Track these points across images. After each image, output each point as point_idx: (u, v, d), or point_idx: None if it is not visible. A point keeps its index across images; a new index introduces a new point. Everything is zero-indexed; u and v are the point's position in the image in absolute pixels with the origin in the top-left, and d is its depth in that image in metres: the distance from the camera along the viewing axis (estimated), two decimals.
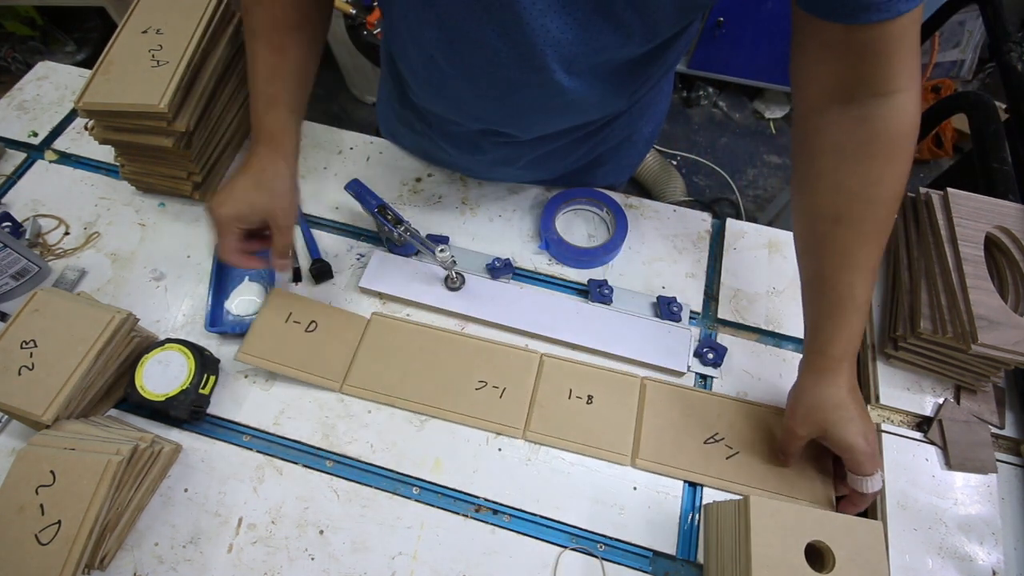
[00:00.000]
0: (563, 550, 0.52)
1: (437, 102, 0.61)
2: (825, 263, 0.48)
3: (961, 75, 2.00)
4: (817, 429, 0.50)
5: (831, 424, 0.49)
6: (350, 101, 2.06)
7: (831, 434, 0.49)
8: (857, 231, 0.46)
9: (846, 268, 0.47)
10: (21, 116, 0.79)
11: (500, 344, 0.62)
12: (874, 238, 0.46)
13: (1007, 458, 0.57)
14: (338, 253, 0.69)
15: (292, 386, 0.60)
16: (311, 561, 0.51)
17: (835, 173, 0.46)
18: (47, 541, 0.44)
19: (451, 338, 0.62)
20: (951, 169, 1.24)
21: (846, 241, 0.47)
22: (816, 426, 0.50)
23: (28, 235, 0.67)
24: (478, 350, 0.61)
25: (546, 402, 0.59)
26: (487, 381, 0.59)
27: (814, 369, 0.51)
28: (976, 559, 0.52)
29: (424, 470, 0.56)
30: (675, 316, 0.64)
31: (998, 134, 0.73)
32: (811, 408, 0.50)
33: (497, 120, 0.60)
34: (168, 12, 0.66)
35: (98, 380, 0.54)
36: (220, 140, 0.71)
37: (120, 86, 0.60)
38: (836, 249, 0.47)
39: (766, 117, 2.10)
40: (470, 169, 0.75)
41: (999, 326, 0.52)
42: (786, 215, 1.49)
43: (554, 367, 0.61)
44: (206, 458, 0.56)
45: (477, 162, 0.70)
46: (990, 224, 0.58)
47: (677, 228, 0.72)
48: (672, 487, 0.56)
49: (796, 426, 0.51)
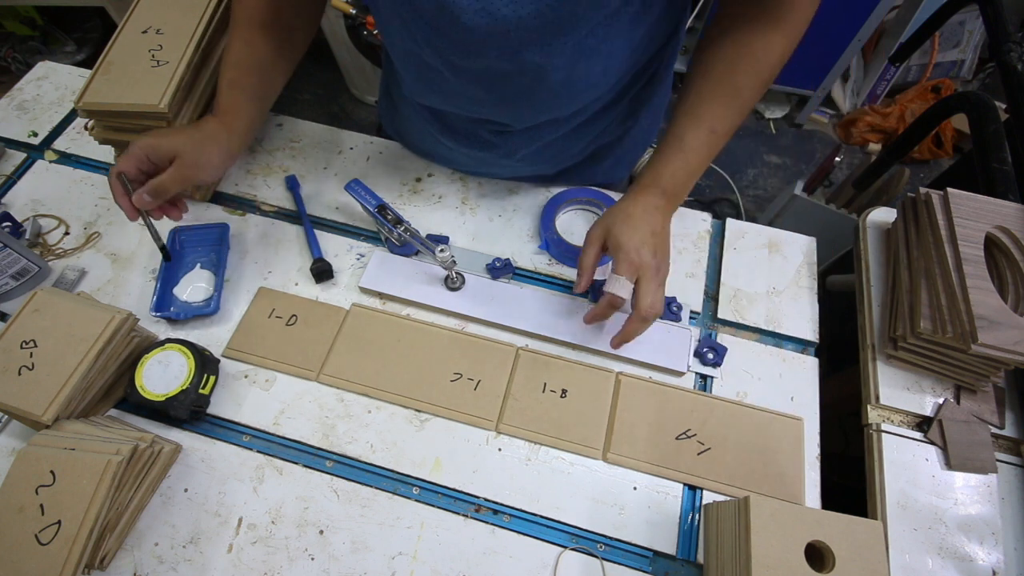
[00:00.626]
0: (563, 550, 0.52)
1: (429, 95, 0.62)
2: (676, 107, 0.55)
3: (961, 75, 2.00)
4: (604, 230, 0.55)
5: (615, 225, 0.54)
6: (350, 101, 2.06)
7: (611, 234, 0.54)
8: (711, 88, 0.53)
9: (686, 115, 0.54)
10: (21, 116, 0.79)
11: (477, 337, 0.62)
12: (723, 100, 0.53)
13: (1007, 458, 0.57)
14: (338, 253, 0.69)
15: (292, 386, 0.60)
16: (311, 561, 0.51)
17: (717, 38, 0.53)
18: (47, 541, 0.44)
19: (429, 330, 0.62)
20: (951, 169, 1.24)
21: (700, 92, 0.53)
22: (605, 228, 0.55)
23: (28, 235, 0.67)
24: (455, 342, 0.62)
25: (520, 395, 0.59)
26: (462, 373, 0.60)
27: (629, 192, 0.56)
28: (976, 559, 0.52)
29: (424, 470, 0.56)
30: (675, 316, 0.64)
31: (998, 134, 0.73)
32: (608, 214, 0.56)
33: (488, 110, 0.60)
34: (168, 12, 0.66)
35: (98, 380, 0.54)
36: None
37: (120, 86, 0.60)
38: (688, 98, 0.54)
39: (766, 117, 2.10)
40: (469, 164, 0.75)
41: (999, 326, 0.52)
42: (787, 215, 1.49)
43: (529, 360, 0.61)
44: (206, 458, 0.56)
45: (476, 156, 0.70)
46: (990, 224, 0.58)
47: (677, 228, 0.72)
48: (672, 487, 0.56)
49: (592, 229, 0.56)
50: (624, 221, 0.54)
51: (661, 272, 0.54)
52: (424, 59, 0.54)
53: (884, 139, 1.98)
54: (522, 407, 0.58)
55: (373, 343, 0.62)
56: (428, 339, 0.62)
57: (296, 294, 0.65)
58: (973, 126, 0.77)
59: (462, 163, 0.75)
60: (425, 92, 0.61)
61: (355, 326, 0.63)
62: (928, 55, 1.97)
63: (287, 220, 0.71)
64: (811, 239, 0.72)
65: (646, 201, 0.55)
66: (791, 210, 1.48)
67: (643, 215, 0.54)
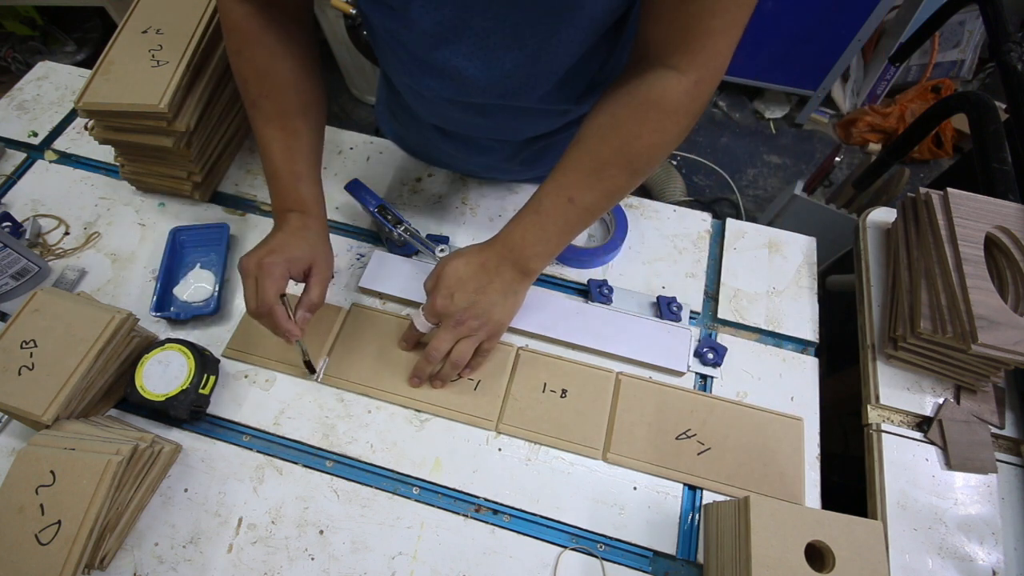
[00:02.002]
0: (563, 550, 0.52)
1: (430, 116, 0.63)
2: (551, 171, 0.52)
3: (961, 75, 2.00)
4: (444, 263, 0.54)
5: (447, 266, 0.54)
6: (350, 101, 2.06)
7: (440, 272, 0.54)
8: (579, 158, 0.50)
9: (552, 182, 0.51)
10: (21, 116, 0.79)
11: None
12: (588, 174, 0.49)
13: (1007, 458, 0.57)
14: (338, 253, 0.69)
15: (292, 386, 0.60)
16: (311, 561, 0.51)
17: (600, 105, 0.49)
18: (47, 541, 0.44)
19: None
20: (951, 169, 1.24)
21: (568, 161, 0.50)
22: (445, 260, 0.54)
23: (28, 235, 0.67)
24: None
25: (520, 395, 0.59)
26: (461, 373, 0.60)
27: (486, 242, 0.55)
28: (976, 559, 0.52)
29: (424, 470, 0.56)
30: (675, 316, 0.64)
31: (998, 134, 0.73)
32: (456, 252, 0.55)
33: (483, 132, 0.62)
34: (168, 12, 0.66)
35: (98, 380, 0.54)
36: (220, 140, 0.71)
37: (120, 86, 0.60)
38: (560, 164, 0.51)
39: (766, 117, 2.10)
40: (469, 169, 0.75)
41: (999, 326, 0.52)
42: (787, 215, 1.49)
43: (529, 360, 0.61)
44: (206, 458, 0.56)
45: (478, 161, 0.70)
46: (990, 224, 0.58)
47: (677, 228, 0.72)
48: (672, 487, 0.56)
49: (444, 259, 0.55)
50: (457, 266, 0.53)
51: (466, 327, 0.53)
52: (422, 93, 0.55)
53: (884, 139, 1.98)
54: (522, 407, 0.58)
55: (373, 343, 0.61)
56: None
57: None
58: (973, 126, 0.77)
59: (461, 169, 0.76)
60: (426, 114, 0.63)
61: (355, 326, 0.63)
62: (928, 55, 1.97)
63: None
64: (811, 239, 0.72)
65: (490, 258, 0.53)
66: (791, 210, 1.48)
67: (479, 269, 0.53)
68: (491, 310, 0.54)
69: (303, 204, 0.56)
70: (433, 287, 0.54)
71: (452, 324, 0.54)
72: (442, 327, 0.54)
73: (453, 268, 0.53)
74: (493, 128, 0.62)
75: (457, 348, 0.54)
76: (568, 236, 0.53)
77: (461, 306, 0.53)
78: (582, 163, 0.50)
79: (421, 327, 0.57)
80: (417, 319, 0.57)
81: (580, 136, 0.50)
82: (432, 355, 0.55)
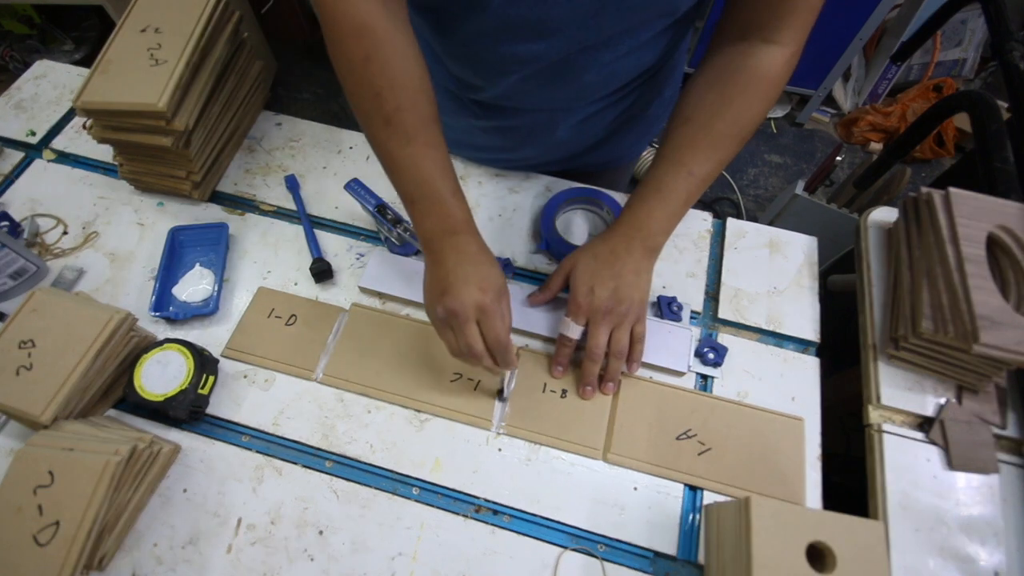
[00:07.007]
0: (563, 550, 0.52)
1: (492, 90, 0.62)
2: (659, 153, 0.56)
3: (963, 74, 1.99)
4: (572, 263, 0.56)
5: (578, 264, 0.55)
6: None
7: (573, 272, 0.56)
8: (693, 135, 0.53)
9: (668, 160, 0.54)
10: (19, 115, 0.79)
11: None
12: (704, 147, 0.53)
13: (1009, 458, 0.57)
14: (338, 253, 0.68)
15: (292, 386, 0.60)
16: (311, 562, 0.51)
17: (702, 86, 0.54)
18: (45, 542, 0.44)
19: (429, 330, 0.62)
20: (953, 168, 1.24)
21: (681, 139, 0.54)
22: (573, 261, 0.56)
23: (26, 234, 0.67)
24: None
25: (520, 395, 0.59)
26: (462, 373, 0.60)
27: (606, 232, 0.57)
28: (978, 560, 0.52)
29: (424, 470, 0.56)
30: (676, 316, 0.64)
31: (1000, 133, 0.73)
32: (580, 250, 0.57)
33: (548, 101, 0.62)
34: (167, 11, 0.65)
35: (96, 380, 0.54)
36: (219, 139, 0.71)
37: (118, 85, 0.60)
38: (671, 144, 0.54)
39: (766, 116, 2.10)
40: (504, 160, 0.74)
41: (1001, 326, 0.52)
42: (788, 215, 1.49)
43: (529, 360, 0.61)
44: (205, 458, 0.56)
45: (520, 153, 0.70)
46: (992, 223, 0.58)
47: (677, 228, 0.71)
48: (672, 488, 0.55)
49: (567, 258, 0.58)
50: (587, 261, 0.54)
51: (615, 315, 0.54)
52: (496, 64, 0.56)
53: (885, 138, 1.98)
54: (522, 407, 0.58)
55: (373, 343, 0.61)
56: (428, 339, 0.61)
57: (295, 294, 0.65)
58: (975, 125, 0.77)
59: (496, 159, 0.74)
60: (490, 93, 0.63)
61: (355, 326, 0.62)
62: (930, 54, 1.96)
63: (286, 220, 0.71)
64: (812, 239, 0.71)
65: (617, 242, 0.55)
66: (792, 209, 1.48)
67: (610, 256, 0.54)
68: (631, 292, 0.54)
69: (468, 224, 0.51)
70: (572, 289, 0.54)
71: (601, 317, 0.54)
72: (591, 324, 0.54)
73: (584, 264, 0.54)
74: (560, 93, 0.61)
75: (614, 339, 0.54)
76: (686, 208, 0.56)
77: (604, 297, 0.53)
78: (697, 140, 0.53)
79: (574, 334, 0.55)
80: (567, 328, 0.56)
81: (687, 116, 0.53)
82: (595, 353, 0.55)
